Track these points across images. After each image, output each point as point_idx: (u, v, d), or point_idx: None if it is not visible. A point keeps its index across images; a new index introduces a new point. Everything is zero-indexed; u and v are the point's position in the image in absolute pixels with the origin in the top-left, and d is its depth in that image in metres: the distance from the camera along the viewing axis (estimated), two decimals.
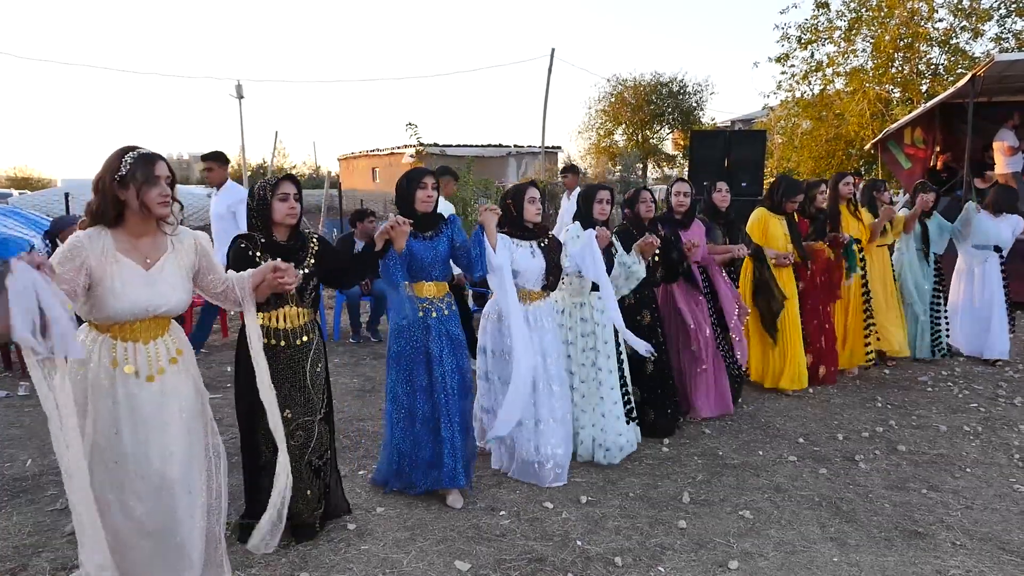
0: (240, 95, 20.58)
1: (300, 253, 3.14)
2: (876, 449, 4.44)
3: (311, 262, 3.16)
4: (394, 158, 26.94)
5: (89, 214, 2.45)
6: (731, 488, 3.86)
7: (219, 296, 2.73)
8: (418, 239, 3.55)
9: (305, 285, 3.13)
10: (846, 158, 17.17)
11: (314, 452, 3.20)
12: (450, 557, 3.13)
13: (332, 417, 3.39)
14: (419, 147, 11.86)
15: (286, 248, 3.10)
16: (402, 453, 3.64)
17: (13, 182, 41.15)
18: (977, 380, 5.96)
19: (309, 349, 3.17)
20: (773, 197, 5.53)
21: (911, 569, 3.07)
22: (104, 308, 2.37)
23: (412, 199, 3.57)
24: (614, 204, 4.56)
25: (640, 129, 29.60)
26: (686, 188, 4.96)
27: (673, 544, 3.26)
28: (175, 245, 2.54)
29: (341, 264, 3.35)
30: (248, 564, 3.07)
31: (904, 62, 16.03)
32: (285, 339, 3.11)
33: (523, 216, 3.86)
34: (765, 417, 5.04)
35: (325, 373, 3.30)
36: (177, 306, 2.51)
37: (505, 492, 3.80)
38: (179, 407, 2.52)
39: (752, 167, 10.72)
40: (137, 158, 2.37)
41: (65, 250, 2.32)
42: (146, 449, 2.43)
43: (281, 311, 3.11)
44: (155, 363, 2.46)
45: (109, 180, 2.36)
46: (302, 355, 3.14)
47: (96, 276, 2.35)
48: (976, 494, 3.80)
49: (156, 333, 2.48)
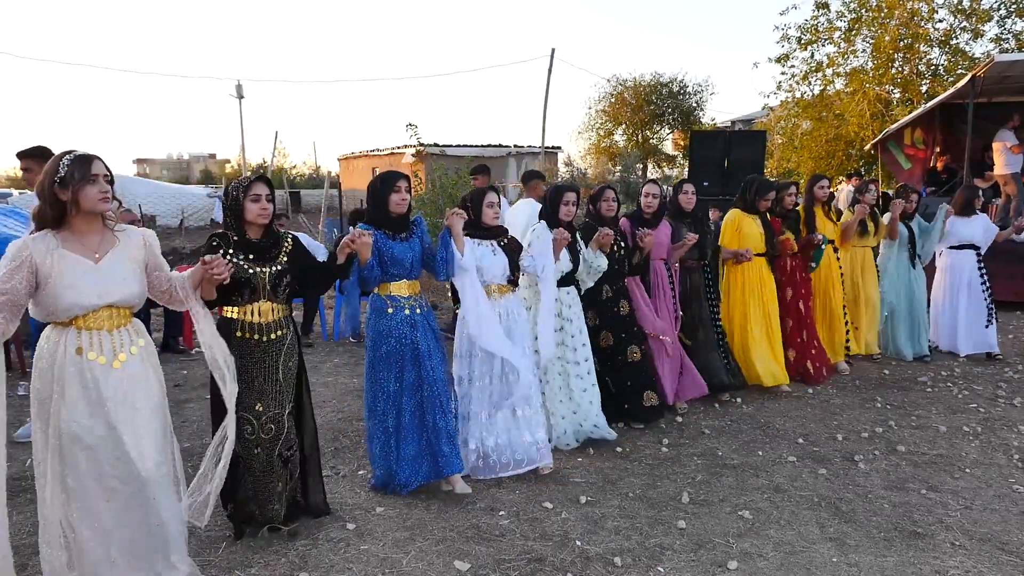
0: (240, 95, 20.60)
1: (272, 251, 3.21)
2: (876, 449, 4.44)
3: (283, 259, 3.23)
4: (394, 158, 26.92)
5: (35, 219, 2.57)
6: (730, 488, 3.87)
7: (163, 295, 2.83)
8: (396, 240, 3.68)
9: (278, 282, 3.19)
10: (846, 159, 17.16)
11: (284, 444, 3.22)
12: (449, 557, 3.13)
13: (310, 413, 3.42)
14: (419, 147, 11.85)
15: (258, 246, 3.17)
16: (389, 463, 3.71)
17: (13, 182, 41.22)
18: (977, 381, 5.96)
19: (283, 344, 3.22)
20: (746, 197, 5.63)
21: (910, 569, 3.07)
22: (58, 301, 2.48)
23: (386, 202, 3.66)
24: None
25: (640, 129, 29.60)
26: (655, 190, 5.15)
27: (672, 544, 3.26)
28: (123, 240, 2.66)
29: (313, 266, 3.39)
30: (248, 564, 3.07)
31: (904, 63, 16.03)
32: (259, 333, 3.16)
33: (481, 219, 4.01)
34: (765, 417, 5.04)
35: (297, 369, 3.32)
36: (130, 297, 2.63)
37: (504, 492, 3.80)
38: (146, 393, 2.64)
39: (752, 167, 10.73)
40: (74, 160, 2.50)
41: (9, 256, 2.45)
42: (119, 433, 2.54)
43: (255, 305, 3.17)
44: (119, 349, 2.58)
45: (49, 184, 2.48)
46: (276, 349, 3.19)
47: (43, 273, 2.46)
48: (975, 494, 3.80)
49: (118, 323, 2.61)
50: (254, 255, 3.15)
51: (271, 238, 3.23)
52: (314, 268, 3.40)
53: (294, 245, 3.31)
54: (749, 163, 10.78)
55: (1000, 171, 10.06)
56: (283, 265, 3.21)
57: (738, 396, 5.46)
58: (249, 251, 3.15)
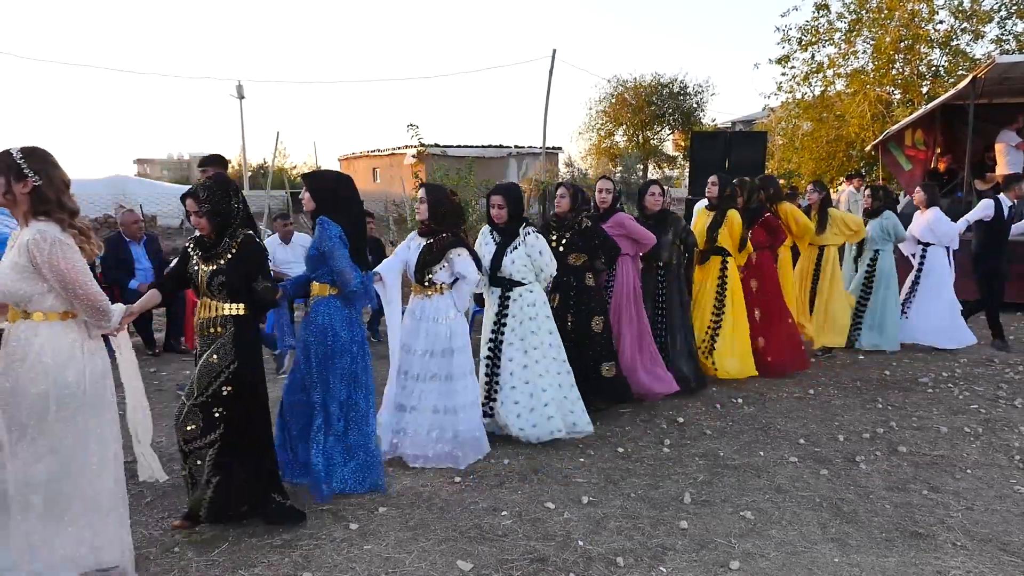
0: (241, 95, 20.61)
1: (216, 250, 3.29)
2: (877, 450, 4.45)
3: (222, 260, 3.26)
4: (395, 158, 26.94)
5: None
6: (732, 489, 3.87)
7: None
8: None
9: (212, 280, 3.25)
10: (847, 159, 17.14)
11: (180, 434, 3.29)
12: (452, 557, 3.14)
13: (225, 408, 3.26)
14: (420, 148, 11.86)
15: (207, 245, 3.32)
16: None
17: None
18: (978, 381, 5.97)
19: (212, 341, 3.28)
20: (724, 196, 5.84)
21: (912, 570, 3.08)
22: None
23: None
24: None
25: (641, 130, 29.59)
26: (608, 186, 5.39)
27: (675, 544, 3.27)
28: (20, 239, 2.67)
29: (249, 272, 3.30)
30: (251, 564, 3.08)
31: (905, 64, 16.01)
32: (199, 328, 3.33)
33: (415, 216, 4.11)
34: (766, 418, 5.05)
35: (223, 367, 3.24)
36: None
37: (507, 492, 3.81)
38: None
39: (753, 168, 10.72)
40: None
41: None
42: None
43: (201, 301, 3.33)
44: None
45: None
46: (207, 345, 3.29)
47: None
48: (977, 495, 3.81)
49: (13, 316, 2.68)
50: (202, 252, 3.32)
51: (219, 238, 3.30)
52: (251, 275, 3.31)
53: (239, 251, 3.27)
54: (750, 164, 10.78)
55: (1001, 171, 10.06)
56: (219, 265, 3.26)
57: (739, 397, 5.48)
58: (199, 248, 3.34)
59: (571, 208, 4.98)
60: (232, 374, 3.26)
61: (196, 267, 3.33)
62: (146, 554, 3.14)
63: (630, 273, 5.32)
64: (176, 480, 3.62)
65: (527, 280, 4.52)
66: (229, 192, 3.34)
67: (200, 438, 3.25)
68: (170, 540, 3.28)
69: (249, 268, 3.30)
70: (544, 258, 4.51)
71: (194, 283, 3.36)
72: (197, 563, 3.08)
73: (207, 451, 3.26)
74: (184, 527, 3.34)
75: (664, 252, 5.51)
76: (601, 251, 4.96)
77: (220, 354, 3.26)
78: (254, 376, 3.36)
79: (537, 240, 4.48)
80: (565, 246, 4.92)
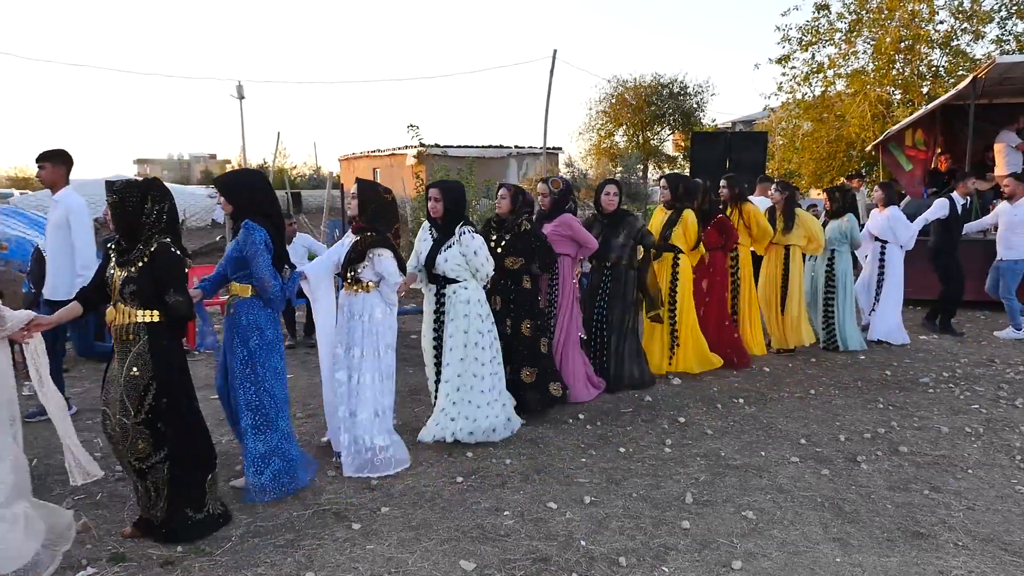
0: (241, 95, 20.56)
1: (129, 255, 3.18)
2: (878, 450, 4.45)
3: (134, 267, 3.16)
4: (395, 159, 26.97)
5: None
6: (734, 489, 3.88)
7: None
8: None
9: (124, 287, 3.15)
10: (847, 160, 17.14)
11: (131, 454, 3.16)
12: (455, 557, 3.14)
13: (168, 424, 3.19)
14: (421, 148, 11.87)
15: (122, 250, 3.22)
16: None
17: (14, 182, 41.23)
18: (978, 382, 5.98)
19: (129, 351, 3.16)
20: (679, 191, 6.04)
21: (913, 569, 3.08)
22: None
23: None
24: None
25: (641, 130, 29.57)
26: (546, 189, 5.48)
27: (677, 544, 3.28)
28: None
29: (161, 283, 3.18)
30: (255, 564, 3.08)
31: (905, 64, 16.02)
32: (115, 335, 3.22)
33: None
34: (767, 418, 5.05)
35: (147, 380, 3.15)
36: None
37: (509, 492, 3.82)
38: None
39: (753, 168, 10.72)
40: None
41: None
42: None
43: (111, 307, 3.23)
44: None
45: None
46: (123, 354, 3.17)
47: None
48: (978, 495, 3.82)
49: None
50: (118, 256, 3.22)
51: (132, 244, 3.19)
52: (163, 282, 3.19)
53: (152, 258, 3.16)
54: (750, 164, 10.78)
55: (1001, 172, 10.07)
56: (130, 272, 3.15)
57: (740, 397, 5.49)
58: (117, 251, 3.24)
59: (511, 210, 5.00)
60: (159, 385, 3.16)
61: (111, 272, 3.22)
62: (148, 554, 3.15)
63: (570, 275, 5.44)
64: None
65: (462, 278, 4.51)
66: (145, 195, 3.18)
67: (153, 455, 3.17)
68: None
69: (161, 278, 3.16)
70: (479, 258, 4.46)
71: (109, 286, 3.23)
72: (200, 563, 3.08)
73: (162, 467, 3.19)
74: (135, 535, 3.29)
75: (612, 253, 5.56)
76: (536, 256, 4.97)
77: (139, 366, 3.14)
78: (180, 383, 3.27)
79: (473, 240, 4.45)
80: (504, 248, 4.91)
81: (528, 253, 4.93)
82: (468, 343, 4.48)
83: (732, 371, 6.23)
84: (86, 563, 3.08)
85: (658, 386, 5.78)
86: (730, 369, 6.22)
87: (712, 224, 6.20)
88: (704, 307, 6.27)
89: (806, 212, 7.01)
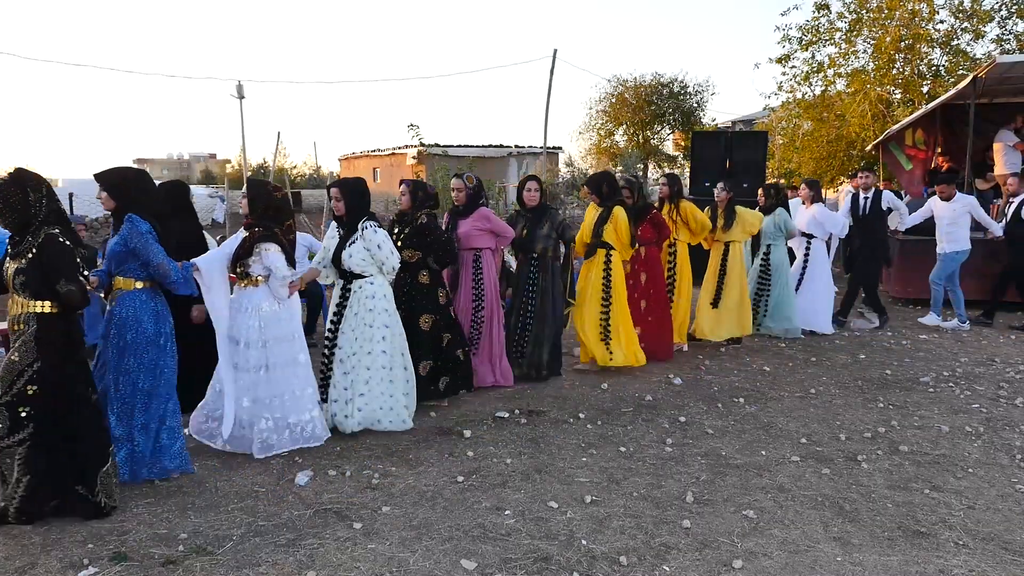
0: (241, 95, 20.57)
1: (22, 247, 3.28)
2: (878, 449, 4.46)
3: (23, 259, 3.26)
4: (395, 158, 26.96)
5: None
6: (735, 488, 3.89)
7: None
8: None
9: (15, 277, 3.26)
10: (847, 159, 17.14)
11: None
12: (456, 556, 3.15)
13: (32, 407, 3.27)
14: (421, 147, 11.89)
15: (15, 242, 3.31)
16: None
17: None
18: (979, 381, 5.98)
19: (17, 339, 3.29)
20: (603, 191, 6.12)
21: (914, 569, 3.09)
22: None
23: None
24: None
25: (641, 130, 29.60)
26: (460, 184, 5.60)
27: (678, 543, 3.28)
28: None
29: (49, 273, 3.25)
30: (256, 563, 3.09)
31: (905, 63, 16.01)
32: (9, 325, 3.34)
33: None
34: (768, 417, 5.06)
35: (24, 366, 3.25)
36: None
37: (510, 492, 3.82)
38: None
39: (754, 168, 10.73)
40: None
41: None
42: None
43: (11, 298, 3.32)
44: None
45: None
46: (13, 343, 3.30)
47: None
48: (978, 494, 3.82)
49: None
50: (12, 248, 3.31)
51: (22, 236, 3.28)
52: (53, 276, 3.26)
53: (39, 249, 3.24)
54: (750, 163, 10.79)
55: (1000, 171, 10.07)
56: (20, 264, 3.25)
57: (740, 396, 5.49)
58: (11, 244, 3.32)
59: (411, 205, 5.14)
60: (36, 372, 3.25)
61: (6, 264, 3.34)
62: (150, 553, 3.16)
63: (492, 266, 5.62)
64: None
65: (368, 273, 4.63)
66: (25, 188, 3.26)
67: (7, 437, 3.26)
68: (174, 538, 3.29)
69: (48, 268, 3.23)
70: (383, 252, 4.59)
71: (2, 278, 3.36)
72: (202, 562, 3.09)
73: (16, 449, 3.27)
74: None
75: (538, 244, 5.78)
76: (432, 250, 5.09)
77: (21, 352, 3.27)
78: (62, 373, 3.32)
79: (375, 234, 4.57)
80: (403, 241, 5.05)
81: (424, 247, 5.07)
82: (372, 337, 4.60)
83: (732, 371, 6.24)
84: (87, 562, 3.08)
85: (659, 385, 5.80)
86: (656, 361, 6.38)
87: (647, 220, 6.38)
88: (647, 299, 6.46)
89: (747, 209, 7.19)
